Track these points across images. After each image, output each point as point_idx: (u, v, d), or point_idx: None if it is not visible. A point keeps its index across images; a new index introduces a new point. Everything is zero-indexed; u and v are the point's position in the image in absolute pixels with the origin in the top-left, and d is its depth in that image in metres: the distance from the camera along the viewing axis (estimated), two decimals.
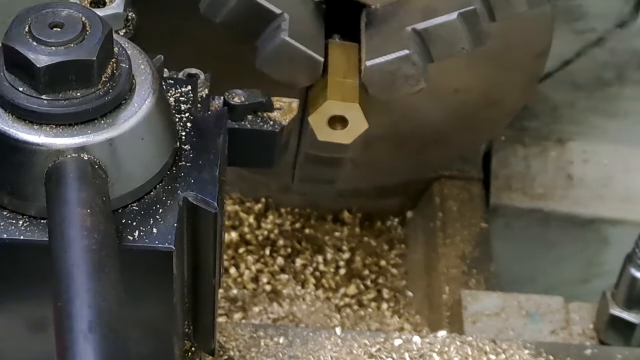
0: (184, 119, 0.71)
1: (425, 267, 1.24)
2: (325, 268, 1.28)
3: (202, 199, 0.66)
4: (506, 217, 1.29)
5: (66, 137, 0.62)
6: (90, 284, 0.55)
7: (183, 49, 0.92)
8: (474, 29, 0.86)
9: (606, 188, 1.30)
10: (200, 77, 0.76)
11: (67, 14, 0.62)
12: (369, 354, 0.89)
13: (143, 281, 0.66)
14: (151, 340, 0.70)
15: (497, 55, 1.01)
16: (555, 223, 1.29)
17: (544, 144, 1.33)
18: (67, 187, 0.60)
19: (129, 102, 0.64)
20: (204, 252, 0.69)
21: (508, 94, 1.09)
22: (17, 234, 0.63)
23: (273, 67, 0.88)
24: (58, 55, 0.60)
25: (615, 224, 1.29)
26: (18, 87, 0.62)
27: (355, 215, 1.35)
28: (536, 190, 1.29)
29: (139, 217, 0.65)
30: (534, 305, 1.06)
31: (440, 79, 1.01)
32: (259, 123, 0.76)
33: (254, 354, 0.88)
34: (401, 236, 1.34)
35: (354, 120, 0.89)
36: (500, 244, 1.30)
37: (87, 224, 0.58)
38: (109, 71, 0.63)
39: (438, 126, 1.11)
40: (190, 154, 0.69)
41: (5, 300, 0.67)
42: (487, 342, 0.90)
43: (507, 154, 1.32)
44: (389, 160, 1.15)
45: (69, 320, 0.54)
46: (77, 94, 0.62)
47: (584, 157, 1.32)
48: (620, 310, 0.99)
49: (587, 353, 0.91)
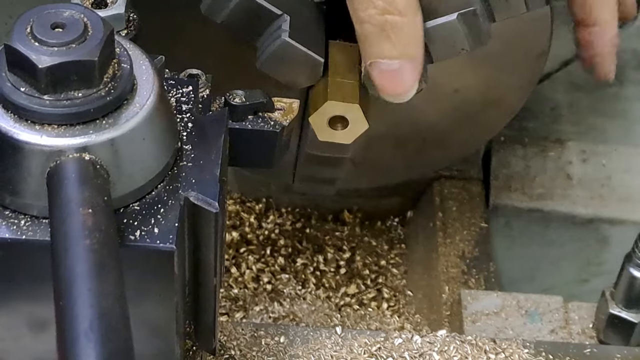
0: (185, 119, 0.71)
1: (425, 267, 1.24)
2: (326, 268, 1.28)
3: (203, 198, 0.66)
4: (506, 217, 1.29)
5: (68, 137, 0.62)
6: (92, 283, 0.55)
7: (184, 49, 0.92)
8: (474, 29, 0.86)
9: (605, 188, 1.30)
10: (202, 78, 0.76)
11: (69, 15, 0.63)
12: (370, 353, 0.89)
13: (144, 281, 0.66)
14: (152, 340, 0.70)
15: (497, 56, 1.01)
16: (554, 223, 1.29)
17: (544, 144, 1.33)
18: (69, 187, 0.60)
19: (130, 102, 0.64)
20: (205, 252, 0.69)
21: (508, 95, 1.09)
22: (19, 233, 0.64)
23: (273, 67, 0.88)
24: (60, 55, 0.61)
25: (614, 223, 1.29)
26: (20, 88, 0.62)
27: (356, 215, 1.35)
28: (536, 190, 1.29)
29: (140, 217, 0.65)
30: (534, 304, 1.07)
31: (440, 79, 1.01)
32: (260, 123, 0.77)
33: (254, 353, 0.88)
34: (401, 236, 1.34)
35: (355, 121, 0.89)
36: (500, 243, 1.30)
37: (88, 224, 0.58)
38: (110, 72, 0.63)
39: (438, 126, 1.11)
40: (192, 154, 0.69)
41: (7, 299, 0.67)
42: (487, 342, 0.91)
43: (506, 154, 1.32)
44: (389, 160, 1.15)
45: (70, 319, 0.54)
46: (78, 94, 0.62)
47: (584, 157, 1.33)
48: (620, 310, 0.99)
49: (586, 352, 0.91)
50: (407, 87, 0.81)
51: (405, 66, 0.79)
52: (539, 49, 1.03)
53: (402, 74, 0.80)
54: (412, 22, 0.78)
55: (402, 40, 0.78)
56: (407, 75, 0.80)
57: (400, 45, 0.78)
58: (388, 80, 0.80)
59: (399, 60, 0.79)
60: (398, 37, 0.78)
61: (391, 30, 0.77)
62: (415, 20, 0.78)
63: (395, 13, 0.77)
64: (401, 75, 0.80)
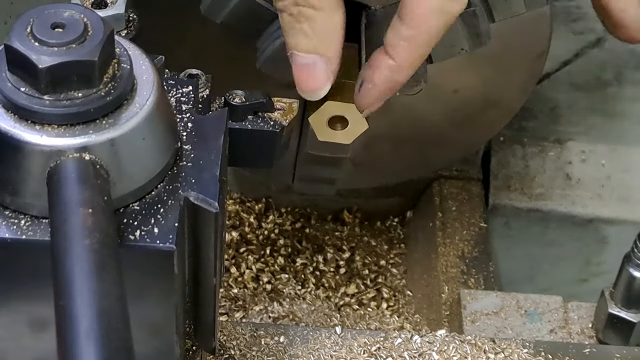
0: (185, 119, 0.71)
1: (425, 267, 1.24)
2: (325, 267, 1.28)
3: (203, 198, 0.66)
4: (505, 217, 1.29)
5: (68, 137, 0.62)
6: (92, 283, 0.55)
7: (184, 49, 0.92)
8: (473, 30, 0.86)
9: (605, 188, 1.31)
10: (201, 78, 0.76)
11: (69, 15, 0.63)
12: (369, 352, 0.89)
13: (144, 280, 0.66)
14: (152, 339, 0.70)
15: (497, 56, 1.01)
16: (554, 223, 1.30)
17: (543, 144, 1.33)
18: (69, 187, 0.60)
19: (130, 102, 0.64)
20: (204, 252, 0.69)
21: (507, 95, 1.09)
22: (19, 233, 0.64)
23: (273, 67, 0.88)
24: (60, 56, 0.61)
25: (613, 223, 1.29)
26: (20, 88, 0.62)
27: (355, 215, 1.35)
28: (535, 190, 1.29)
29: (140, 216, 0.65)
30: (533, 304, 1.07)
31: (440, 79, 1.02)
32: (260, 123, 0.77)
33: (254, 353, 0.88)
34: (401, 236, 1.34)
35: (354, 121, 0.89)
36: (499, 243, 1.30)
37: (88, 224, 0.58)
38: (110, 72, 0.63)
39: (438, 126, 1.11)
40: (191, 154, 0.69)
41: (7, 299, 0.67)
42: (486, 341, 0.91)
43: (506, 154, 1.32)
44: (389, 160, 1.16)
45: (70, 319, 0.54)
46: (78, 94, 0.62)
47: (583, 157, 1.33)
48: (619, 309, 0.99)
49: (585, 352, 0.91)
50: (319, 84, 0.79)
51: (319, 62, 0.79)
52: (539, 49, 1.03)
53: (315, 70, 0.79)
54: (327, 17, 0.77)
55: (317, 34, 0.77)
56: (319, 73, 0.79)
57: (315, 39, 0.77)
58: (302, 74, 0.79)
59: (313, 55, 0.78)
60: (313, 30, 0.77)
61: (306, 22, 0.77)
62: (331, 16, 0.77)
63: (308, 5, 0.76)
64: (314, 71, 0.79)
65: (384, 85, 0.79)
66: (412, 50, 0.77)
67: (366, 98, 0.80)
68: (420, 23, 0.76)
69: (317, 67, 0.79)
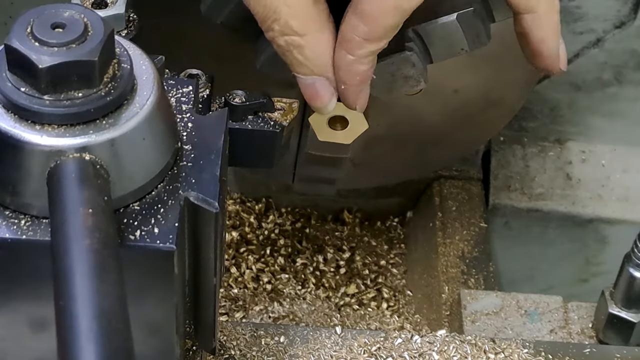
0: (185, 119, 0.71)
1: (425, 267, 1.24)
2: (326, 267, 1.28)
3: (203, 198, 0.66)
4: (505, 217, 1.29)
5: (68, 137, 0.62)
6: (92, 283, 0.55)
7: (184, 49, 0.92)
8: (473, 29, 0.86)
9: (605, 188, 1.31)
10: (201, 78, 0.76)
11: (69, 15, 0.63)
12: (369, 352, 0.89)
13: (144, 280, 0.66)
14: (152, 339, 0.70)
15: (497, 56, 1.01)
16: (554, 223, 1.30)
17: (543, 144, 1.33)
18: (69, 187, 0.60)
19: (130, 102, 0.64)
20: (205, 252, 0.69)
21: (507, 95, 1.09)
22: (19, 233, 0.64)
23: (273, 67, 0.88)
24: (60, 56, 0.61)
25: (613, 223, 1.29)
26: (20, 88, 0.62)
27: (355, 215, 1.35)
28: (535, 190, 1.29)
29: (140, 216, 0.65)
30: (533, 304, 1.07)
31: (440, 79, 1.02)
32: (260, 123, 0.77)
33: (254, 353, 0.88)
34: (401, 236, 1.34)
35: (354, 121, 0.89)
36: (500, 243, 1.30)
37: (88, 224, 0.58)
38: (110, 72, 0.63)
39: (438, 126, 1.11)
40: (192, 154, 0.69)
41: (7, 299, 0.67)
42: (487, 341, 0.91)
43: (506, 154, 1.32)
44: (389, 160, 1.16)
45: (70, 319, 0.54)
46: (78, 94, 0.62)
47: (583, 157, 1.33)
48: (619, 309, 0.99)
49: (585, 352, 0.91)
50: (324, 101, 0.82)
51: (318, 82, 0.81)
52: None
53: (317, 89, 0.81)
54: (315, 41, 0.79)
55: (309, 60, 0.79)
56: (322, 91, 0.81)
57: (309, 64, 0.79)
58: (307, 93, 0.82)
59: (311, 76, 0.80)
60: (304, 57, 0.79)
61: (295, 50, 0.79)
62: (319, 38, 0.79)
63: (293, 34, 0.78)
64: (317, 90, 0.81)
65: (353, 81, 0.80)
66: (369, 44, 0.79)
67: (348, 98, 0.82)
68: (376, 19, 0.77)
69: (318, 86, 0.81)
